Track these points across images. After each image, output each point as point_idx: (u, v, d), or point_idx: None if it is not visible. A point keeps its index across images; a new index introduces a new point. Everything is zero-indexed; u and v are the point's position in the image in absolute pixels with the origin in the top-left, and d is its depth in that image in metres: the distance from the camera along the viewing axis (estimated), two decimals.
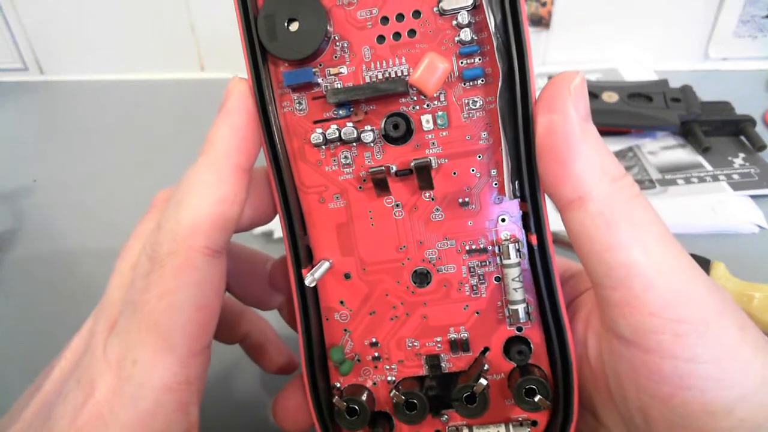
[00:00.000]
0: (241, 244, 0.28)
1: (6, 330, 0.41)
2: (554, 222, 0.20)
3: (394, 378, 0.24)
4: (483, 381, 0.21)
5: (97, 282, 0.45)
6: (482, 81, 0.21)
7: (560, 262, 0.27)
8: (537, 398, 0.21)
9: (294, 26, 0.21)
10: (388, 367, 0.24)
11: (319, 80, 0.22)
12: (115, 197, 0.55)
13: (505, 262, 0.22)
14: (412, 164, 0.21)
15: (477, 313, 0.23)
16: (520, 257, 0.22)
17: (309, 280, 0.22)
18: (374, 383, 0.24)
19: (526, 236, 0.22)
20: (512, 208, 0.22)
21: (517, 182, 0.21)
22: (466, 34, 0.20)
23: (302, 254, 0.23)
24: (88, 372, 0.20)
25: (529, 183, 0.21)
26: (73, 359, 0.23)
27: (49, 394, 0.22)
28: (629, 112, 0.55)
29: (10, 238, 0.50)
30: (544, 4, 0.67)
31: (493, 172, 0.22)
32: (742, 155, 0.52)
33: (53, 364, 0.24)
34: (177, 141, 0.63)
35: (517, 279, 0.21)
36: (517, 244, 0.22)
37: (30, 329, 0.41)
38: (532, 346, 0.23)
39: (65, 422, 0.20)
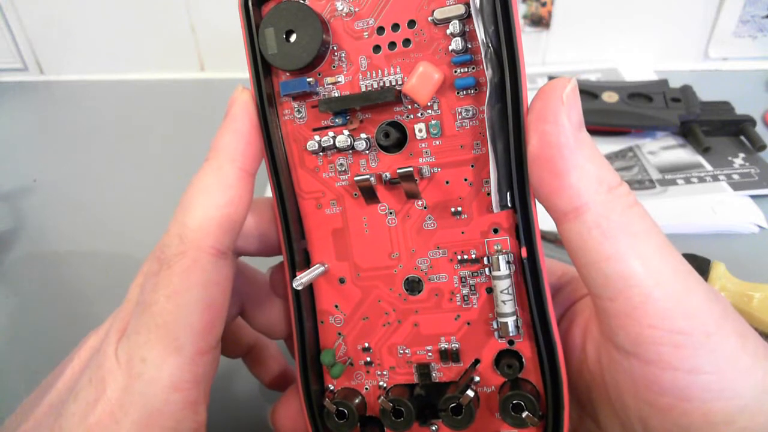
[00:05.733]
0: (255, 269, 0.28)
1: (6, 329, 0.42)
2: (553, 223, 0.20)
3: (385, 384, 0.24)
4: (470, 393, 0.21)
5: (96, 282, 0.45)
6: (475, 90, 0.21)
7: (558, 266, 0.27)
8: (524, 414, 0.21)
9: (293, 38, 0.21)
10: (379, 372, 0.24)
11: (318, 89, 0.22)
12: (115, 197, 0.55)
13: (495, 273, 0.21)
14: (397, 173, 0.21)
15: (468, 323, 0.23)
16: (510, 269, 0.21)
17: (296, 284, 0.22)
18: (367, 388, 0.24)
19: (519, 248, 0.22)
20: (504, 218, 0.22)
21: (508, 193, 0.20)
22: (458, 44, 0.20)
23: (298, 258, 0.23)
24: (100, 371, 0.20)
25: (519, 194, 0.20)
26: (86, 358, 0.23)
27: (61, 392, 0.22)
28: (629, 112, 0.54)
29: (10, 238, 0.50)
30: (544, 4, 0.67)
31: (486, 181, 0.22)
32: (742, 155, 0.51)
33: (64, 364, 0.24)
34: (177, 141, 0.63)
35: (507, 291, 0.21)
36: (507, 256, 0.21)
37: (30, 329, 0.42)
38: (523, 360, 0.22)
39: (76, 420, 0.20)
